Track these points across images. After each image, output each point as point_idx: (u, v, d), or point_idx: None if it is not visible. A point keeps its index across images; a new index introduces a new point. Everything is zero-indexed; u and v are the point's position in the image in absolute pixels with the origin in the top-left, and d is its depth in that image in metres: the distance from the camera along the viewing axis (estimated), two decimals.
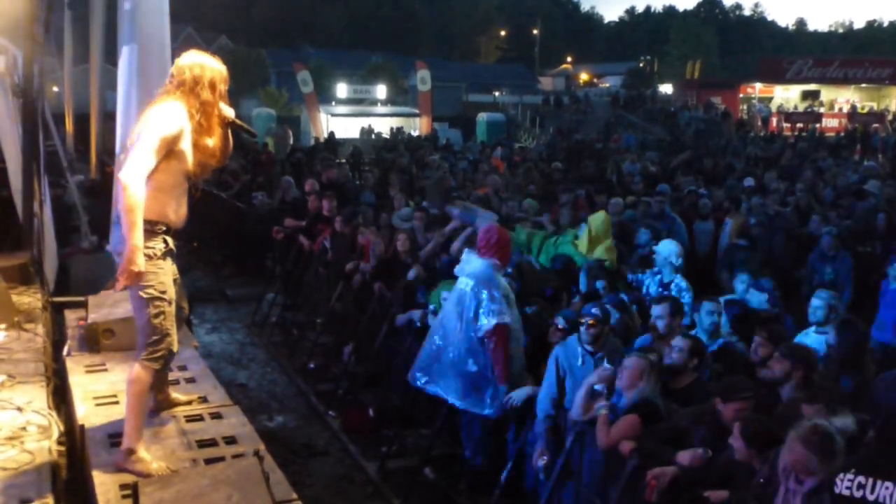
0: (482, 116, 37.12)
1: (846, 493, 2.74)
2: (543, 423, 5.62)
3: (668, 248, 7.72)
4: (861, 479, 2.70)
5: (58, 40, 15.96)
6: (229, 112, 4.15)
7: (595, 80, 72.19)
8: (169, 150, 3.87)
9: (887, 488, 2.62)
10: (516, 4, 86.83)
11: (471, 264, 6.13)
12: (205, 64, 3.98)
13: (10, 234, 8.34)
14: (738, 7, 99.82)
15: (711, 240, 10.52)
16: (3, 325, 6.19)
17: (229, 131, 4.25)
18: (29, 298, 7.01)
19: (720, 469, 4.29)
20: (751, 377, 5.22)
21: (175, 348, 4.13)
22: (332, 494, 6.91)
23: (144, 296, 3.93)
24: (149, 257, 3.85)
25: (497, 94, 51.72)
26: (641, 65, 77.58)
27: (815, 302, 6.37)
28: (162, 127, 3.82)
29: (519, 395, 5.98)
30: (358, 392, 8.54)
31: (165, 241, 3.99)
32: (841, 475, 2.79)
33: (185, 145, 3.94)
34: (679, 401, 5.13)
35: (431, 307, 7.40)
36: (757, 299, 7.07)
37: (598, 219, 8.11)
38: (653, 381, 5.07)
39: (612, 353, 5.61)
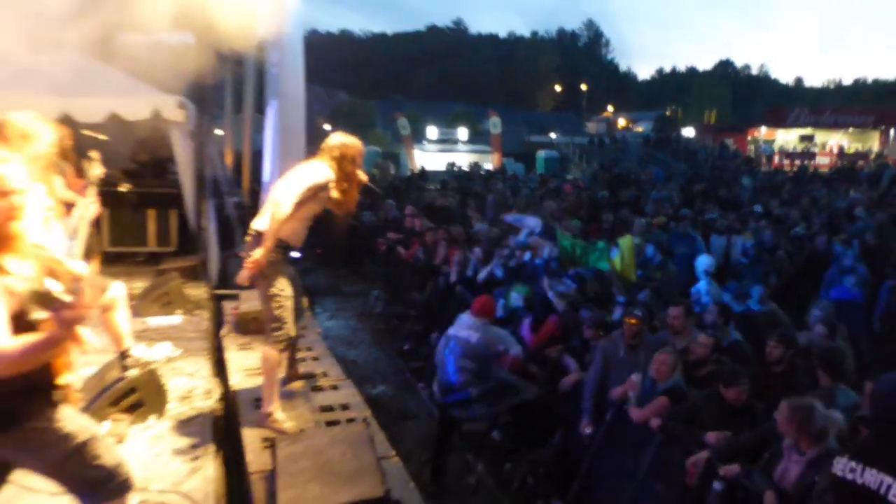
0: (541, 153, 36.69)
1: (840, 473, 2.59)
2: (589, 401, 5.51)
3: (703, 262, 7.59)
4: (853, 463, 2.54)
5: (220, 95, 16.44)
6: (364, 177, 4.28)
7: (630, 125, 70.52)
8: (313, 196, 4.00)
9: (872, 474, 2.47)
10: (568, 65, 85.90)
11: (469, 325, 5.92)
12: (348, 143, 4.11)
13: (185, 242, 8.60)
14: (747, 67, 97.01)
15: (724, 251, 10.16)
16: (179, 311, 6.37)
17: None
18: (198, 291, 7.20)
19: (747, 443, 4.14)
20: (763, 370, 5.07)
21: (293, 333, 4.20)
22: (421, 450, 6.87)
23: (268, 293, 4.03)
24: (272, 263, 3.96)
25: (552, 135, 51.08)
26: (668, 113, 75.65)
27: (816, 313, 6.04)
28: (315, 179, 3.99)
29: (569, 380, 5.89)
30: None
31: (285, 253, 4.08)
32: (838, 458, 2.64)
33: (324, 195, 4.08)
34: (700, 386, 4.97)
35: (501, 301, 7.36)
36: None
37: (626, 244, 7.86)
38: (680, 370, 4.95)
39: (647, 347, 5.46)
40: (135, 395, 4.03)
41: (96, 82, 8.22)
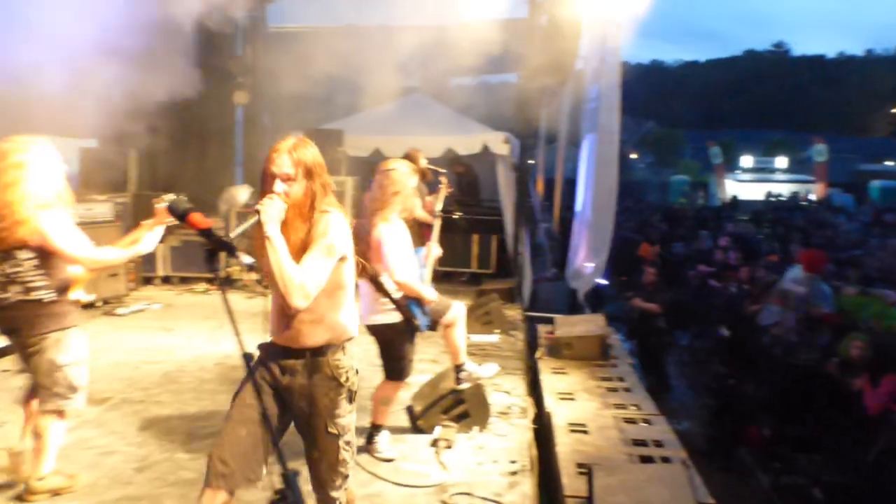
0: (875, 183, 31.91)
1: None
2: None
3: None
4: None
5: (535, 127, 17.12)
6: None
7: None
8: None
9: None
10: None
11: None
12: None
13: (502, 265, 9.03)
14: None
15: None
16: (497, 331, 6.64)
17: None
18: (513, 312, 7.46)
19: None
20: None
21: None
22: (728, 496, 6.26)
23: None
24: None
25: (889, 163, 43.90)
26: None
27: None
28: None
29: None
30: (755, 413, 7.69)
31: None
32: None
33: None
34: None
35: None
36: None
37: None
38: None
39: None
40: (462, 406, 4.28)
41: (435, 121, 9.13)
